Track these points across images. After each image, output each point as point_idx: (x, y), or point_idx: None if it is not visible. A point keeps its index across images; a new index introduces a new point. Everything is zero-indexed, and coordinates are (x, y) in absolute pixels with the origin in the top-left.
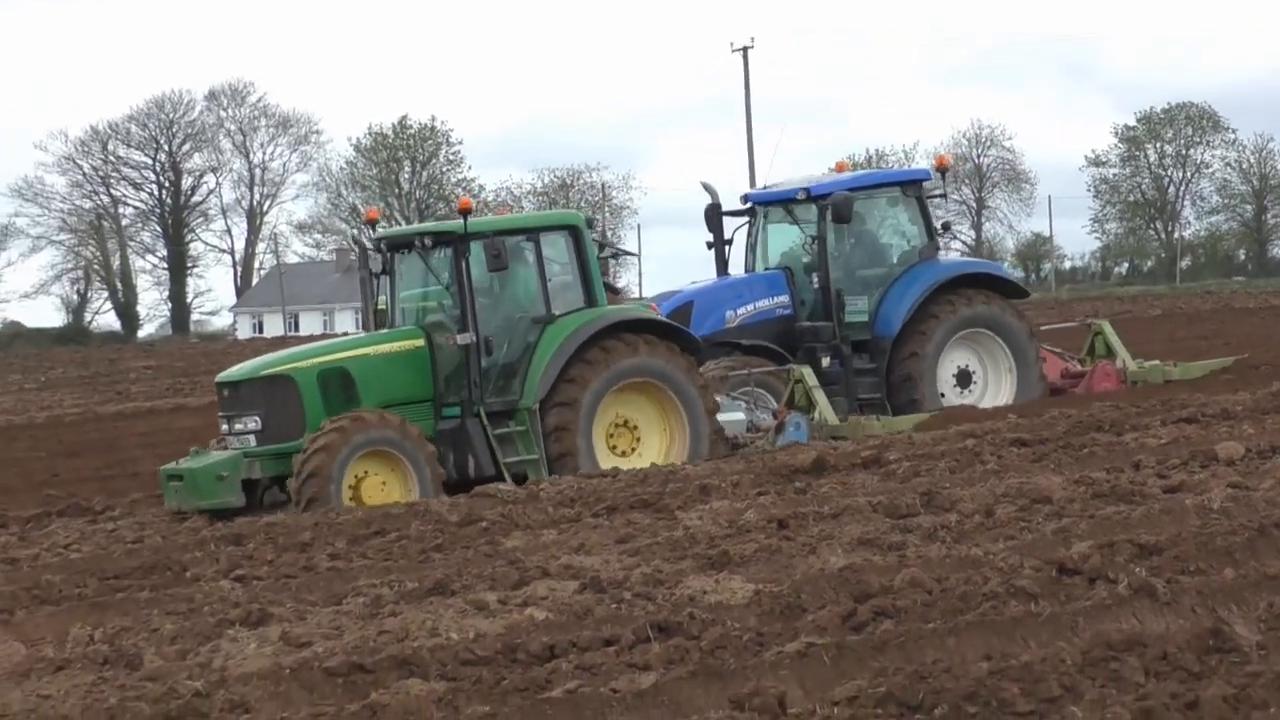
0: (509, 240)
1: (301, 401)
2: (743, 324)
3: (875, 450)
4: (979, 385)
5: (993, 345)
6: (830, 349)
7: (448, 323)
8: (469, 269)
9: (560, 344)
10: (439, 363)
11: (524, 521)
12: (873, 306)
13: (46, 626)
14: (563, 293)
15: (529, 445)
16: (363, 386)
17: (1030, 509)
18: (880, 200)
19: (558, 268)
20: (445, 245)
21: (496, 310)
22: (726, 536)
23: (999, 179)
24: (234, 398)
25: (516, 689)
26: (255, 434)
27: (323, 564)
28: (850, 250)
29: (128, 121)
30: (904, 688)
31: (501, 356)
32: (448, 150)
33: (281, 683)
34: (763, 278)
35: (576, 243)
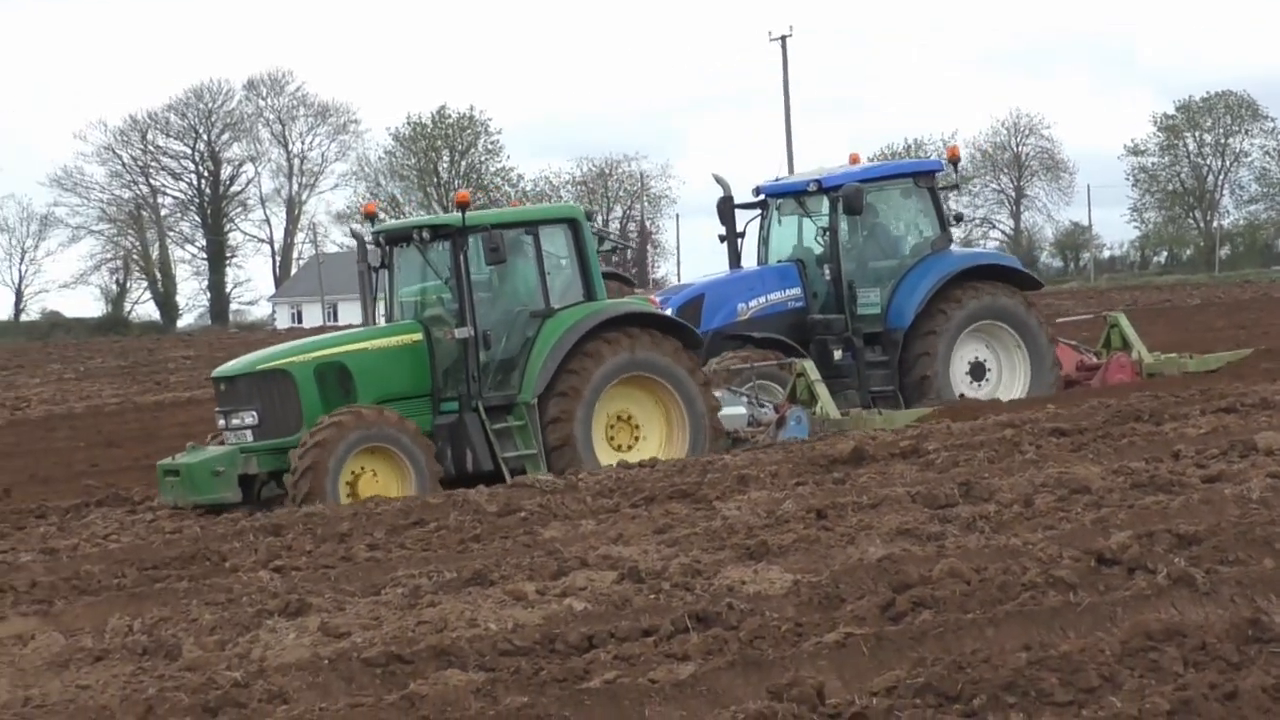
0: (507, 234)
1: (298, 396)
2: (754, 317)
3: (914, 440)
4: (993, 377)
5: (1006, 337)
6: (842, 341)
7: (446, 317)
8: (467, 263)
9: (559, 338)
10: (437, 357)
11: (562, 512)
12: (885, 298)
13: (85, 617)
14: (562, 286)
15: (527, 440)
16: (360, 381)
17: (1069, 499)
18: (893, 192)
19: (563, 261)
20: (443, 239)
21: (495, 304)
22: (765, 526)
23: (1038, 168)
24: (230, 392)
25: (555, 679)
26: (252, 429)
27: (361, 554)
28: (862, 242)
29: (167, 111)
30: (942, 678)
31: (500, 351)
32: (486, 139)
33: (320, 673)
34: (774, 270)
35: (576, 236)
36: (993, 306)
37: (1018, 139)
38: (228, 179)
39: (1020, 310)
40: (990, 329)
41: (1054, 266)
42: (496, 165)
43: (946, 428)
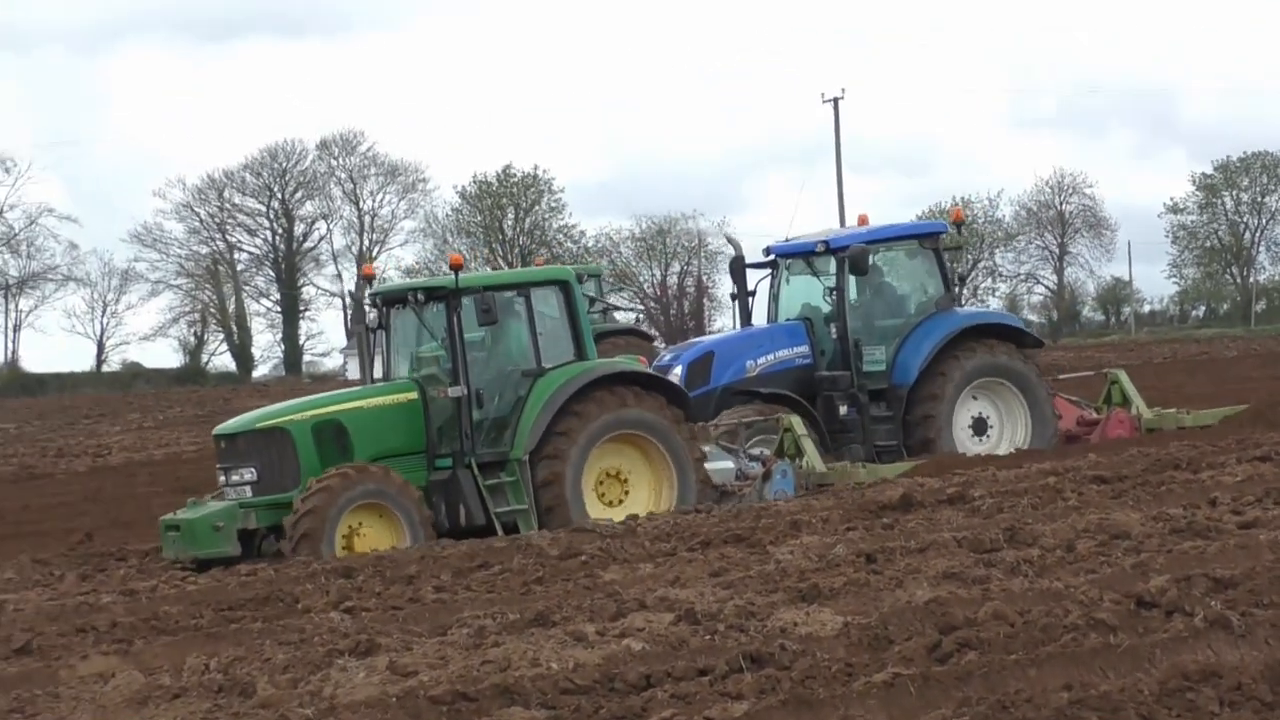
0: (499, 295)
1: (296, 453)
2: (763, 373)
3: (960, 487)
4: (995, 433)
5: (1008, 394)
6: (848, 397)
7: (440, 376)
8: (460, 323)
9: (549, 397)
10: (432, 415)
11: (622, 555)
12: (890, 356)
13: (164, 656)
14: (553, 346)
15: (519, 495)
16: (356, 438)
17: (1109, 544)
18: (899, 252)
19: (550, 321)
20: (438, 300)
21: (488, 363)
22: (816, 570)
23: (1080, 225)
24: (230, 449)
25: (614, 717)
26: (251, 485)
27: (428, 596)
28: (869, 301)
29: (243, 170)
30: (987, 717)
31: (493, 409)
32: (549, 197)
33: (388, 711)
34: (783, 328)
35: (567, 297)
36: (995, 364)
37: (1061, 197)
38: (301, 235)
39: (1021, 367)
40: (992, 385)
41: (1096, 320)
42: (559, 222)
43: (992, 475)
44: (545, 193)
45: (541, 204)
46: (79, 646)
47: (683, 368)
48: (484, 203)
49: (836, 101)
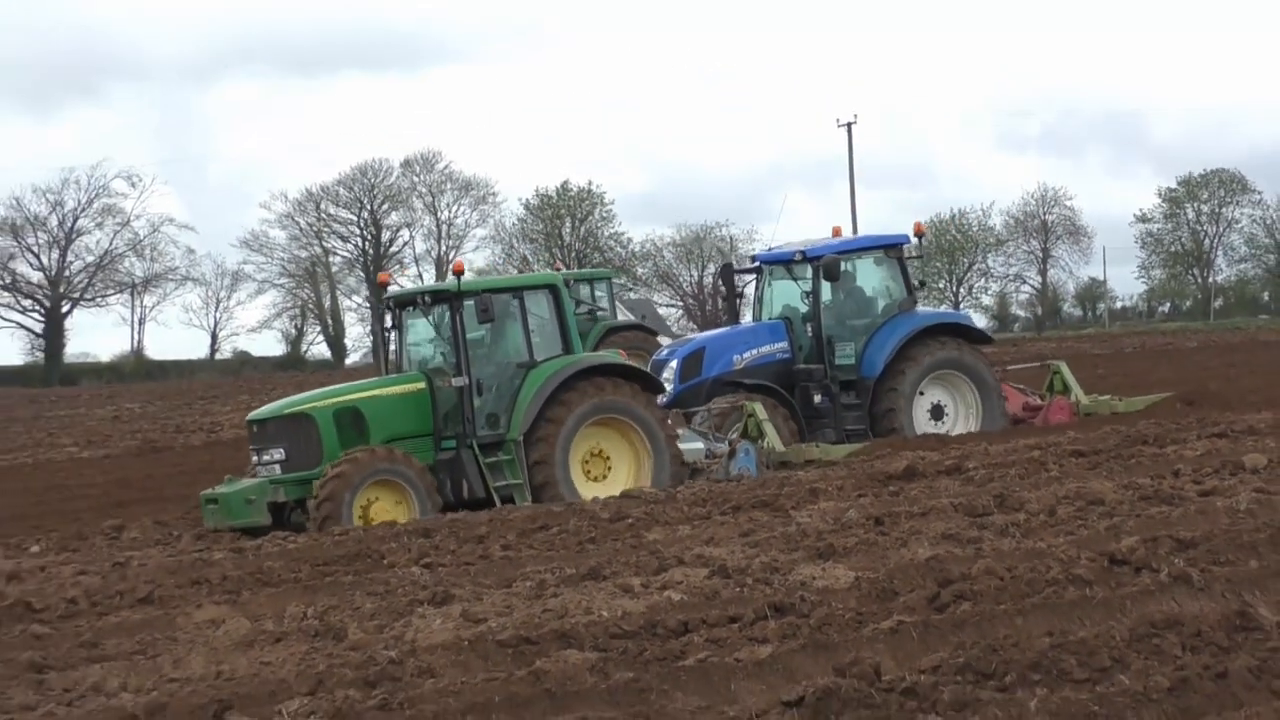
0: (496, 298)
1: (319, 436)
2: (748, 366)
3: (956, 460)
4: (950, 417)
5: (961, 384)
6: (822, 387)
7: (445, 368)
8: (463, 322)
9: (540, 385)
10: (438, 402)
11: (663, 518)
12: (859, 351)
13: (268, 605)
14: (544, 342)
15: (515, 472)
16: (372, 423)
17: (1086, 509)
18: (867, 260)
19: (541, 320)
20: (443, 302)
21: (488, 357)
22: (832, 531)
23: (1061, 233)
24: (262, 433)
25: (656, 658)
26: (280, 464)
27: (496, 553)
28: (841, 302)
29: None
30: (979, 659)
31: (491, 397)
32: (601, 209)
33: (461, 652)
34: (766, 326)
35: (555, 300)
36: (950, 358)
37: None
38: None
39: (973, 361)
40: (948, 377)
41: (1075, 315)
42: (610, 230)
43: (984, 449)
44: (598, 204)
45: (595, 214)
46: (194, 597)
47: (678, 361)
48: (545, 213)
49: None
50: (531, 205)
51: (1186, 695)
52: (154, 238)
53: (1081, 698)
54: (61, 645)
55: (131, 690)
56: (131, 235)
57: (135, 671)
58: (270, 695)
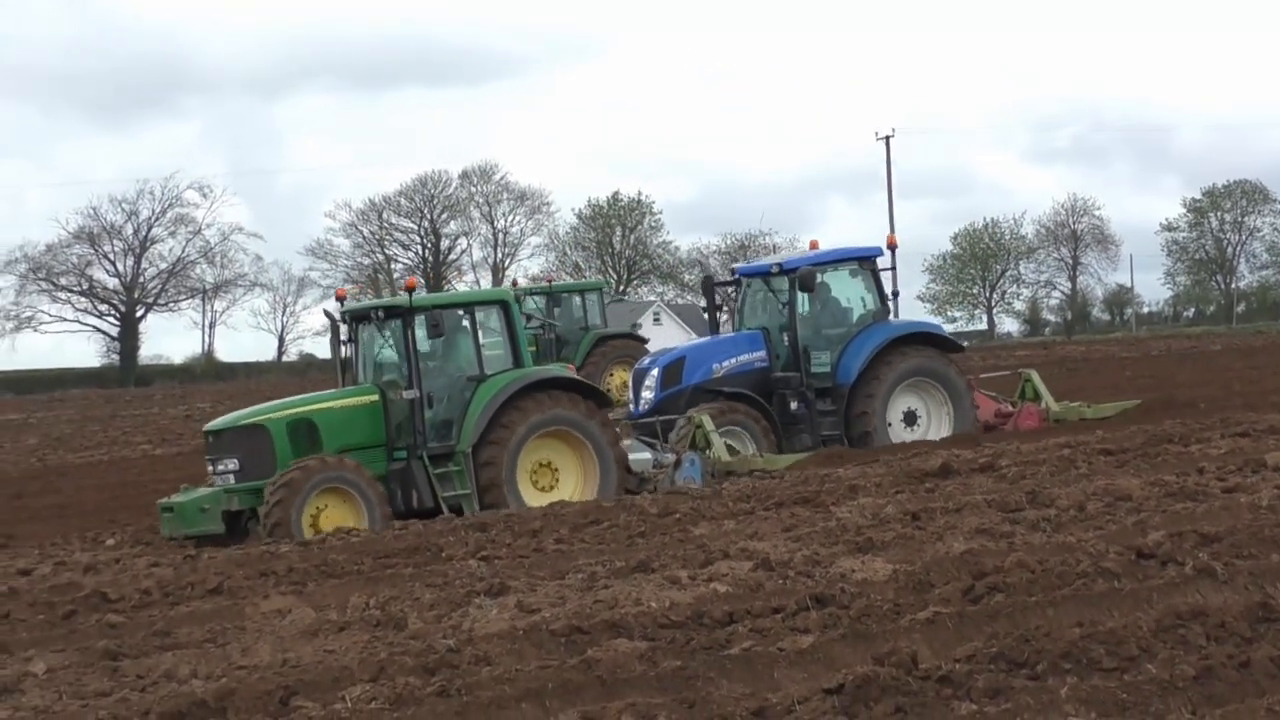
0: (447, 313)
1: (273, 446)
2: (727, 374)
3: (990, 457)
4: (923, 423)
5: (934, 390)
6: (798, 395)
7: (398, 381)
8: (414, 337)
9: (490, 399)
10: (390, 414)
11: (709, 514)
12: (834, 359)
13: (332, 595)
14: (494, 356)
15: (464, 482)
16: (325, 434)
17: (1114, 505)
18: (842, 272)
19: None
20: (395, 317)
21: (439, 371)
22: (870, 526)
23: (1090, 241)
24: (217, 443)
25: (703, 647)
26: (234, 473)
27: (550, 546)
28: (818, 312)
29: (398, 195)
30: (1012, 648)
31: (442, 409)
32: (650, 218)
33: (516, 641)
34: (745, 336)
35: (506, 315)
36: (922, 366)
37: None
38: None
39: (945, 369)
40: (921, 384)
41: (1103, 320)
42: (658, 239)
43: (1016, 448)
44: (647, 214)
45: (644, 223)
46: (261, 588)
47: (659, 370)
48: (596, 222)
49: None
50: (583, 215)
51: (1211, 683)
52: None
53: (1110, 686)
54: (135, 634)
55: (201, 677)
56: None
57: (205, 659)
58: (334, 682)
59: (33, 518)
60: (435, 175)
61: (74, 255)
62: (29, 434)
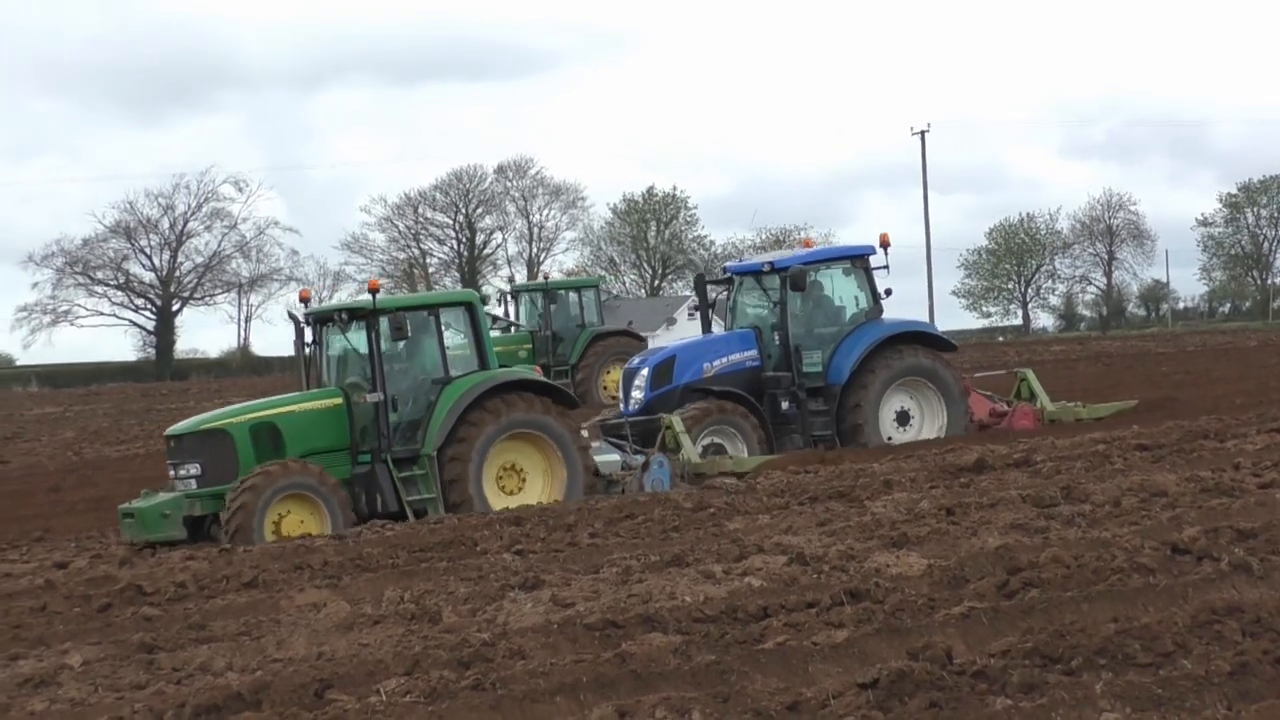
0: (411, 314)
1: (235, 451)
2: (718, 373)
3: (1025, 453)
4: (916, 423)
5: (927, 390)
6: (789, 394)
7: (362, 384)
8: (378, 339)
9: (455, 401)
10: (355, 417)
11: (744, 508)
12: (826, 359)
13: (366, 589)
14: (460, 358)
15: (429, 486)
16: (289, 438)
17: (1150, 500)
18: (835, 271)
19: (461, 337)
20: (359, 319)
21: (404, 373)
22: (905, 521)
23: (1126, 236)
24: (179, 448)
25: (737, 641)
26: (196, 478)
27: (584, 540)
28: (810, 311)
29: (434, 190)
30: (1047, 643)
31: (407, 412)
32: (685, 213)
33: (551, 635)
34: (737, 335)
35: (471, 316)
36: (915, 365)
37: (1110, 213)
38: (481, 244)
39: (937, 368)
40: (913, 383)
41: (1139, 315)
42: (693, 234)
43: (1051, 443)
44: (682, 209)
45: (679, 218)
46: (297, 581)
47: (649, 369)
48: (631, 217)
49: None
50: (618, 209)
51: (1246, 679)
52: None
53: (1145, 681)
54: (171, 627)
55: (237, 670)
56: (238, 237)
57: (240, 652)
58: (369, 675)
59: (69, 511)
60: (470, 170)
61: (110, 249)
62: (65, 427)
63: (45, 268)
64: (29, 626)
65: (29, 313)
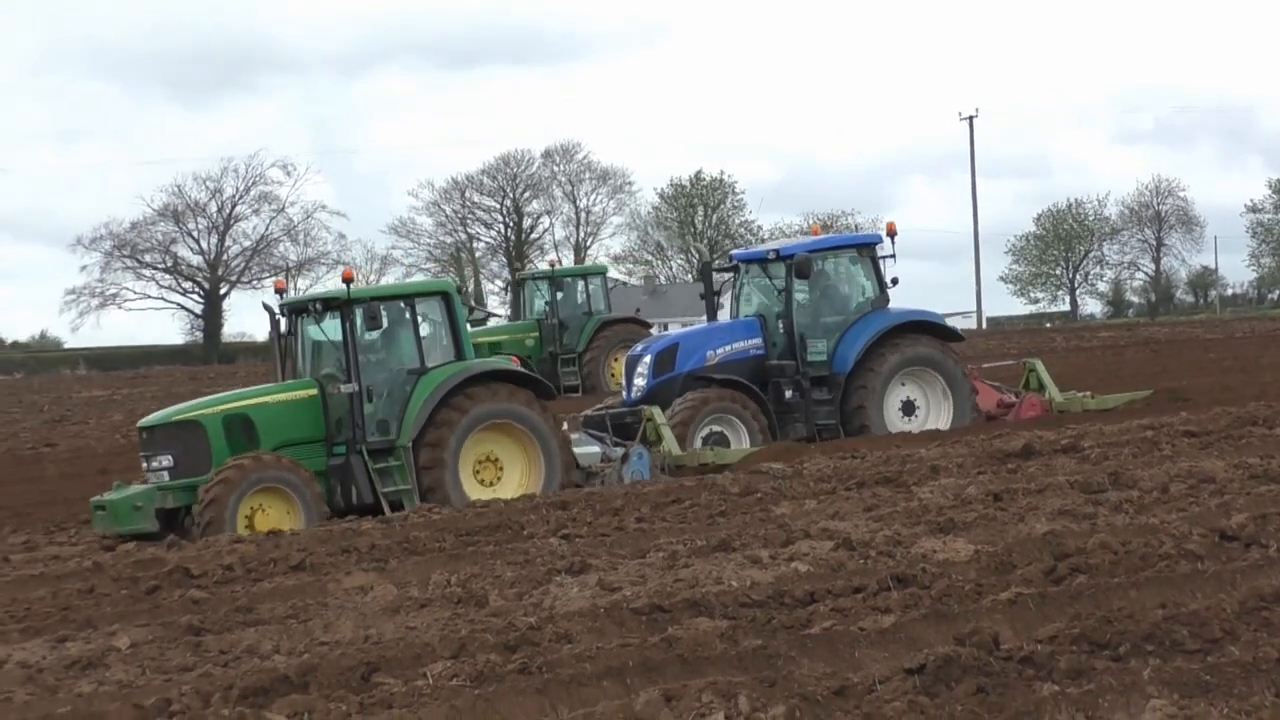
0: (386, 305)
1: (208, 443)
2: (721, 362)
3: (1072, 439)
4: (921, 413)
5: (932, 380)
6: (793, 383)
7: (337, 374)
8: (353, 329)
9: (431, 392)
10: (330, 408)
11: (791, 493)
12: (831, 348)
13: (413, 573)
14: (437, 348)
15: (404, 477)
16: (262, 429)
17: (1198, 487)
18: (843, 259)
19: (433, 326)
20: (333, 309)
21: (382, 364)
22: (952, 507)
23: (1174, 222)
24: (151, 440)
25: (784, 626)
26: (168, 470)
27: (631, 525)
28: (816, 300)
29: (481, 174)
30: (1094, 629)
31: (382, 403)
32: (733, 198)
33: (597, 620)
34: (742, 323)
35: (447, 306)
36: (921, 355)
37: (1158, 199)
38: (528, 228)
39: (943, 358)
40: (919, 373)
41: (1187, 302)
42: (740, 219)
43: (1099, 429)
44: (729, 193)
45: (726, 203)
46: (344, 564)
47: (651, 357)
48: (679, 202)
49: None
50: (666, 194)
51: None
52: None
53: (1193, 668)
54: (218, 609)
55: (284, 652)
56: (286, 221)
57: (288, 635)
58: (416, 658)
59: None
60: (518, 154)
61: (159, 233)
62: (114, 410)
63: (93, 251)
64: (77, 608)
65: (77, 296)
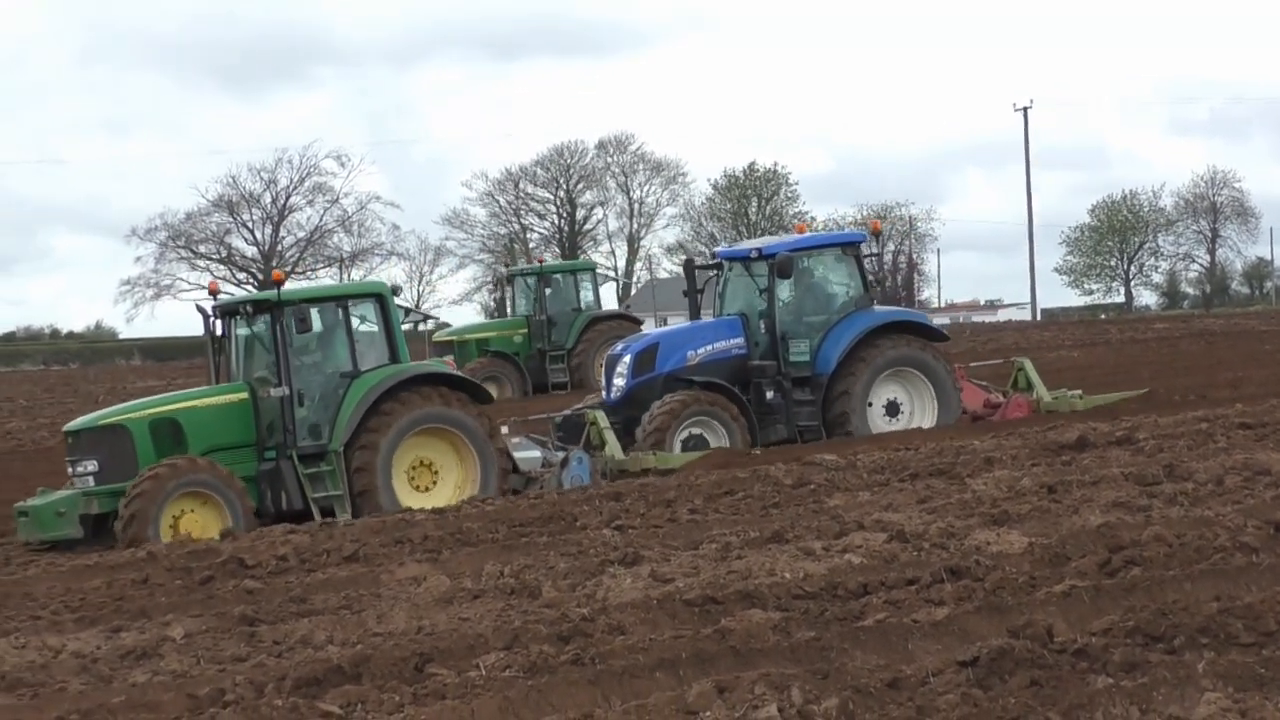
0: (319, 307)
1: (134, 447)
2: (702, 362)
3: (1127, 431)
4: (906, 414)
5: (917, 380)
6: (774, 384)
7: (269, 377)
8: (283, 331)
9: (363, 395)
10: (261, 412)
11: (844, 485)
12: (813, 348)
13: (466, 563)
14: (370, 351)
15: (336, 483)
16: (191, 434)
17: (1253, 479)
18: (826, 258)
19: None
20: (264, 312)
21: (316, 367)
22: (1006, 498)
23: (1230, 213)
24: (76, 444)
25: (837, 618)
26: (94, 475)
27: (684, 516)
28: (799, 299)
29: (534, 165)
30: (1149, 622)
31: (314, 406)
32: (786, 189)
33: (650, 611)
34: (724, 322)
35: (383, 308)
36: (905, 355)
37: (1214, 190)
38: (581, 219)
39: (927, 358)
40: (903, 373)
41: (1242, 293)
42: (794, 210)
43: (1154, 421)
44: (783, 184)
45: (779, 194)
46: (397, 555)
47: (631, 357)
48: (732, 193)
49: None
50: (719, 185)
51: None
52: (361, 214)
53: (1248, 660)
54: (272, 600)
55: (337, 643)
56: (340, 212)
57: (341, 625)
58: (469, 649)
59: None
60: (571, 145)
61: (213, 223)
62: None
63: (148, 241)
64: (131, 599)
65: (132, 286)
